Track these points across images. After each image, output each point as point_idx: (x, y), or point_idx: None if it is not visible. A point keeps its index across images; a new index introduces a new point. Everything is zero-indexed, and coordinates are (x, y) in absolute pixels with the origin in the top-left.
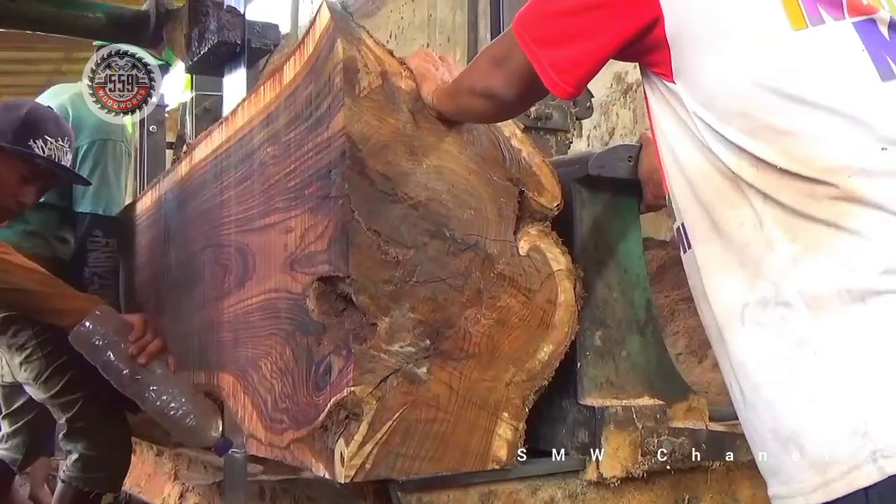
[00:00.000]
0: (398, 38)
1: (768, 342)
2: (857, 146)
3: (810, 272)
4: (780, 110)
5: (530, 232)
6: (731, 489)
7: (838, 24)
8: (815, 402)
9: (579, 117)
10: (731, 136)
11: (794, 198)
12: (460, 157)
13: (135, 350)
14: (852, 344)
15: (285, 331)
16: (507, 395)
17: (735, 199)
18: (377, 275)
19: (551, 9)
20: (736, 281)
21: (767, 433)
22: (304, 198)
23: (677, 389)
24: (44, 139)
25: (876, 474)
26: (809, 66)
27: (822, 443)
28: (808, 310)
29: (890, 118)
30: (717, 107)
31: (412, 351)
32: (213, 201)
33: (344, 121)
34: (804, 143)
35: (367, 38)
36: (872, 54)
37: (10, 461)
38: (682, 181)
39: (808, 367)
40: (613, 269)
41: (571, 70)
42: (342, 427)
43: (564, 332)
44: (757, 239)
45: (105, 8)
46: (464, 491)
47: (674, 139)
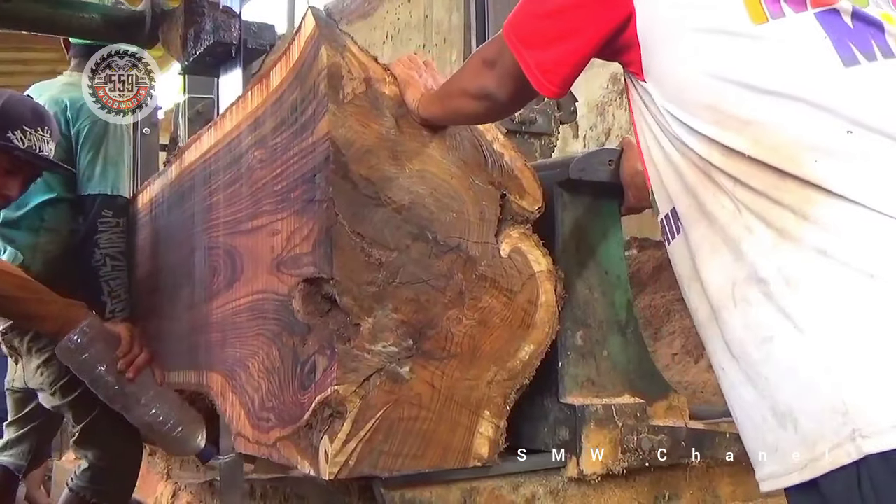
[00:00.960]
0: (394, 38)
1: (758, 319)
2: (821, 131)
3: (788, 253)
4: (745, 101)
5: (512, 234)
6: (711, 486)
7: (800, 16)
8: (801, 379)
9: (563, 121)
10: (701, 128)
11: (764, 185)
12: (443, 161)
13: (123, 365)
14: (831, 323)
15: (272, 331)
16: (488, 393)
17: (713, 187)
18: (361, 276)
19: (535, 11)
20: (725, 260)
21: (767, 410)
22: (290, 201)
23: (658, 388)
24: (22, 130)
25: (855, 453)
26: (771, 57)
27: (812, 419)
28: (787, 287)
29: (853, 102)
30: (685, 101)
31: (395, 351)
32: (203, 204)
33: (328, 126)
34: (770, 131)
35: (351, 45)
36: (835, 42)
37: (14, 468)
38: (670, 170)
39: (793, 344)
40: (594, 270)
41: (556, 70)
42: (327, 425)
43: (545, 332)
44: (737, 223)
45: (100, 8)
46: (446, 487)
47: (653, 134)
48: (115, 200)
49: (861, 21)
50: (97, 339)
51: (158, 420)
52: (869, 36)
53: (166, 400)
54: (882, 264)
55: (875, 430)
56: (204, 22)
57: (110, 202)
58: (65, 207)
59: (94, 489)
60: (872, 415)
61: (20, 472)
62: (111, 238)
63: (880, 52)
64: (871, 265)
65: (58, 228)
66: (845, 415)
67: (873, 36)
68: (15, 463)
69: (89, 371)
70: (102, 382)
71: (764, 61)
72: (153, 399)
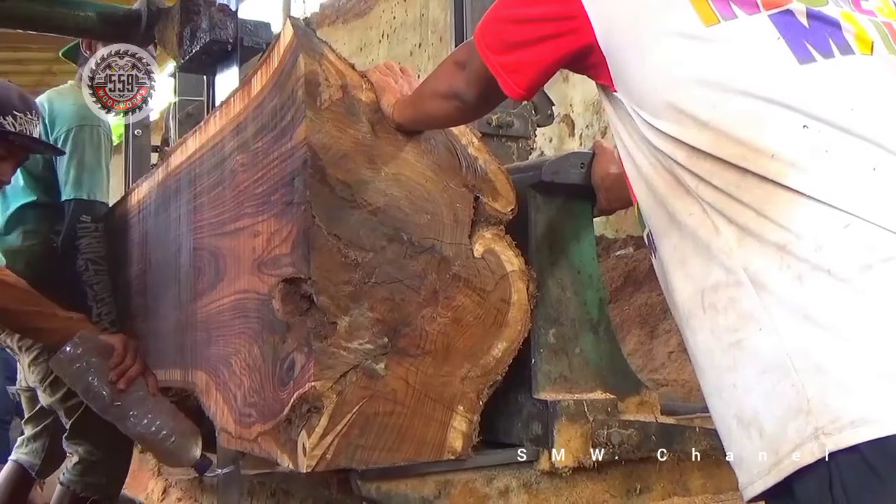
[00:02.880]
0: (390, 37)
1: (724, 324)
2: (777, 127)
3: (752, 251)
4: (703, 100)
5: (485, 235)
6: (681, 479)
7: (752, 17)
8: (766, 382)
9: (540, 124)
10: (665, 128)
11: (725, 182)
12: (418, 165)
13: (114, 376)
14: (793, 322)
15: (254, 329)
16: (462, 389)
17: (680, 190)
18: (337, 276)
19: (502, 15)
20: (693, 269)
21: (732, 419)
22: (270, 204)
23: (629, 384)
24: (13, 115)
25: (819, 451)
26: (725, 56)
27: (777, 422)
28: (752, 287)
29: (808, 98)
30: (649, 104)
31: (370, 348)
32: (188, 206)
33: (306, 132)
34: (728, 128)
35: (328, 53)
36: (789, 41)
37: (28, 465)
38: (642, 184)
39: (758, 345)
40: (567, 269)
41: (520, 71)
42: (304, 420)
43: (518, 329)
44: (705, 224)
45: (96, 7)
46: (421, 480)
47: (629, 145)
48: (93, 205)
49: (818, 20)
50: (90, 350)
51: (151, 431)
52: (826, 35)
53: (160, 411)
54: (838, 260)
55: (837, 426)
56: (200, 20)
57: (87, 207)
58: (45, 211)
59: (85, 482)
60: (835, 411)
61: (34, 470)
62: (91, 243)
63: (838, 50)
64: (827, 261)
65: (39, 230)
66: (808, 414)
67: (831, 34)
68: (29, 461)
69: (81, 382)
70: (93, 394)
71: (718, 61)
72: (146, 410)
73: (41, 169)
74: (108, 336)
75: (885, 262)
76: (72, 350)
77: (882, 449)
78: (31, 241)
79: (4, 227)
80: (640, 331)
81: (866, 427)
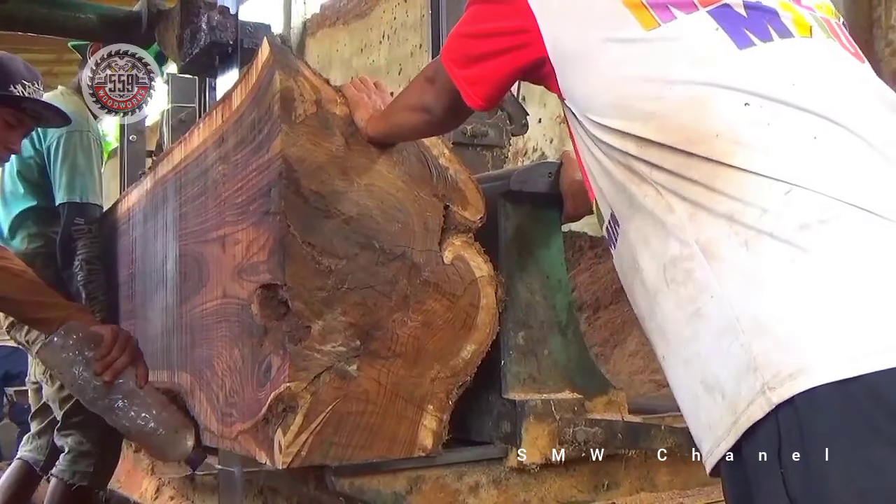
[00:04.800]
0: (391, 38)
1: (684, 295)
2: (719, 108)
3: (703, 224)
4: (646, 93)
5: (455, 243)
6: (648, 475)
7: (691, 15)
8: (722, 345)
9: (514, 133)
10: (615, 124)
11: (675, 165)
12: (389, 175)
13: (100, 368)
14: (740, 285)
15: (234, 333)
16: (431, 389)
17: (636, 177)
18: (311, 282)
19: (465, 31)
20: (656, 247)
21: (699, 386)
22: (249, 213)
23: (597, 384)
24: (22, 84)
25: (766, 405)
26: (666, 52)
27: (732, 383)
28: (703, 257)
29: (749, 77)
30: (597, 106)
31: (343, 350)
32: (174, 214)
33: (281, 145)
34: (671, 116)
35: (304, 69)
36: (728, 29)
37: (33, 462)
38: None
39: (713, 312)
40: (536, 274)
41: (479, 83)
42: (281, 419)
43: (486, 332)
44: (659, 204)
45: (97, 8)
46: (393, 476)
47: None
48: (86, 208)
49: (755, 10)
50: (78, 340)
51: (137, 423)
52: (765, 21)
53: (148, 403)
54: (779, 223)
55: (779, 379)
56: (200, 22)
57: (80, 210)
58: (46, 215)
59: (74, 471)
60: (776, 366)
61: (38, 467)
62: (86, 244)
63: (776, 34)
64: (770, 225)
65: (42, 234)
66: (756, 371)
67: (769, 21)
68: (34, 457)
69: (68, 373)
70: (78, 385)
71: (660, 57)
72: (132, 403)
73: (38, 176)
74: (98, 326)
75: (823, 223)
76: (59, 340)
77: (812, 399)
78: (35, 244)
79: (8, 232)
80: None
81: (802, 378)
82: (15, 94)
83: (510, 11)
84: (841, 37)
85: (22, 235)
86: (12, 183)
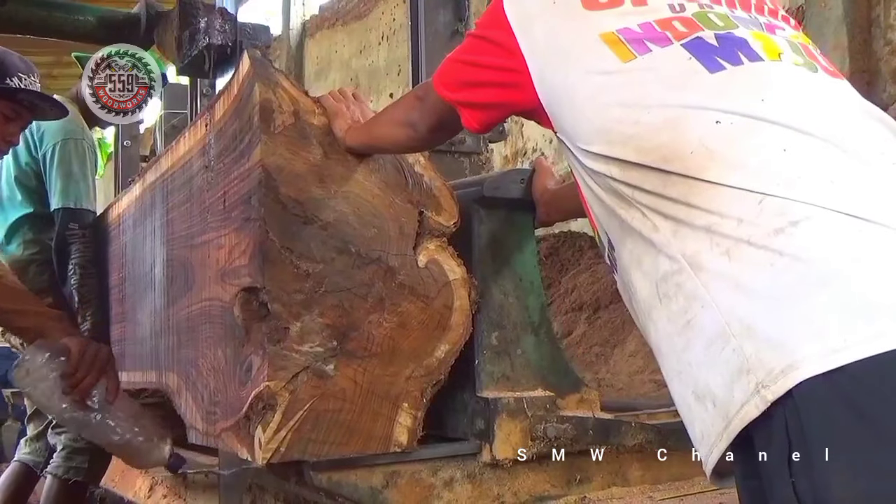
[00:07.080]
0: (390, 39)
1: (675, 309)
2: (692, 127)
3: (686, 238)
4: (625, 117)
5: (429, 247)
6: (621, 470)
7: (666, 48)
8: (712, 353)
9: (492, 141)
10: (598, 150)
11: (653, 185)
12: (366, 183)
13: (67, 388)
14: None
15: (218, 334)
16: (406, 388)
17: (622, 201)
18: (290, 286)
19: (459, 58)
20: (647, 266)
21: (691, 396)
22: (231, 219)
23: (569, 383)
24: (18, 77)
25: (762, 404)
26: (642, 81)
27: (724, 388)
28: (691, 269)
29: (720, 96)
30: (582, 133)
31: (321, 351)
32: (162, 220)
33: (261, 154)
34: (648, 138)
35: (283, 81)
36: (700, 58)
37: (32, 464)
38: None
39: (701, 321)
40: (509, 277)
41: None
42: (261, 416)
43: (460, 333)
44: (645, 224)
45: (95, 11)
46: (369, 471)
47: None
48: (80, 213)
49: (727, 40)
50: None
51: (111, 437)
52: (735, 49)
53: (119, 417)
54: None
55: (772, 377)
56: (199, 23)
57: (74, 215)
58: (42, 221)
59: (68, 466)
60: (768, 364)
61: (38, 469)
62: (80, 248)
63: (746, 59)
64: (747, 233)
65: (40, 239)
66: (748, 372)
67: (740, 48)
68: (33, 459)
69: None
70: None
71: (637, 85)
72: (105, 416)
73: (34, 182)
74: (67, 339)
75: (795, 225)
76: (29, 359)
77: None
78: (31, 250)
79: (5, 238)
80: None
81: (794, 372)
82: (11, 86)
83: (503, 52)
84: (818, 58)
85: (18, 241)
86: (9, 189)
